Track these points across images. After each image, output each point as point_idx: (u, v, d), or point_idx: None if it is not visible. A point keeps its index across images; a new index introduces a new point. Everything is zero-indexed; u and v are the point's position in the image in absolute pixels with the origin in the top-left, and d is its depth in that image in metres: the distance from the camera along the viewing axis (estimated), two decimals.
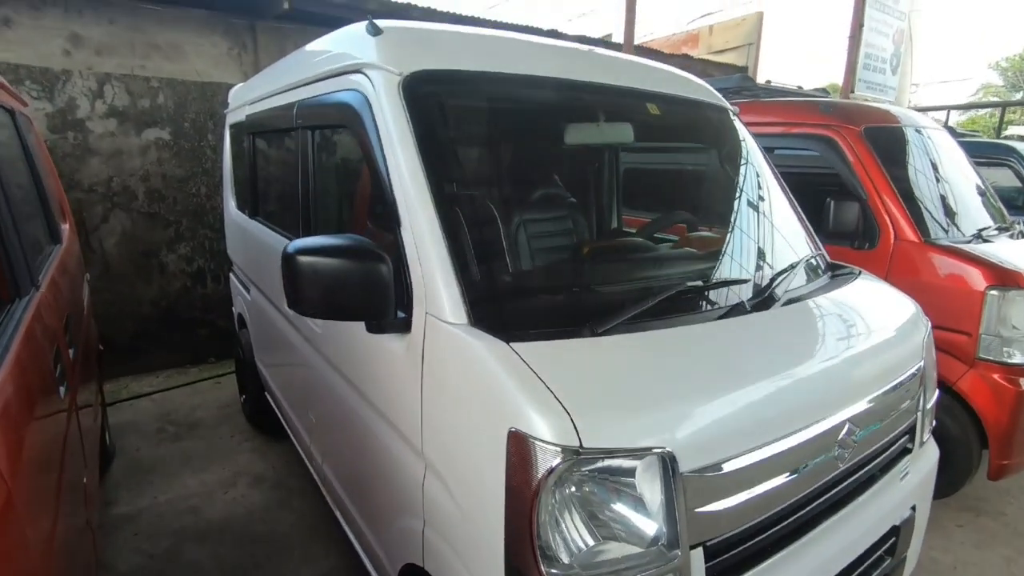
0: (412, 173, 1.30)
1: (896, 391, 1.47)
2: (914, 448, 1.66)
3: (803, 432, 1.20)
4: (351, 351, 1.66)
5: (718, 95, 2.17)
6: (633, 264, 1.65)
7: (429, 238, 1.24)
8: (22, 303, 1.50)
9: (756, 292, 1.51)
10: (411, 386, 1.30)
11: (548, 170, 1.77)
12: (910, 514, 1.62)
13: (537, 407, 0.98)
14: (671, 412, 1.06)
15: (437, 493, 1.26)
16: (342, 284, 1.22)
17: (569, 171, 1.97)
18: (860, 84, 9.98)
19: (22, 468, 1.04)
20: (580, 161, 2.10)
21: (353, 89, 1.54)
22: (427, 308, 1.24)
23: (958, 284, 2.58)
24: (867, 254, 2.81)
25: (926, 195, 2.97)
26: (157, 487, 2.88)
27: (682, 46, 10.77)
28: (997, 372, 2.52)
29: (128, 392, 4.03)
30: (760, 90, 3.77)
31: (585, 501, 1.01)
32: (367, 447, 1.64)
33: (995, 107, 14.01)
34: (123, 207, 4.20)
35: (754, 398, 1.16)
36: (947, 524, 2.67)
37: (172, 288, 4.49)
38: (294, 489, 2.85)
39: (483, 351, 1.10)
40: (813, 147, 3.10)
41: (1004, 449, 2.53)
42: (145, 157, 4.24)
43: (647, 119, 1.87)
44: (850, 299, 1.65)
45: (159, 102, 4.25)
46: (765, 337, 1.35)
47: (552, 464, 0.96)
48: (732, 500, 1.09)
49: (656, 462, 1.01)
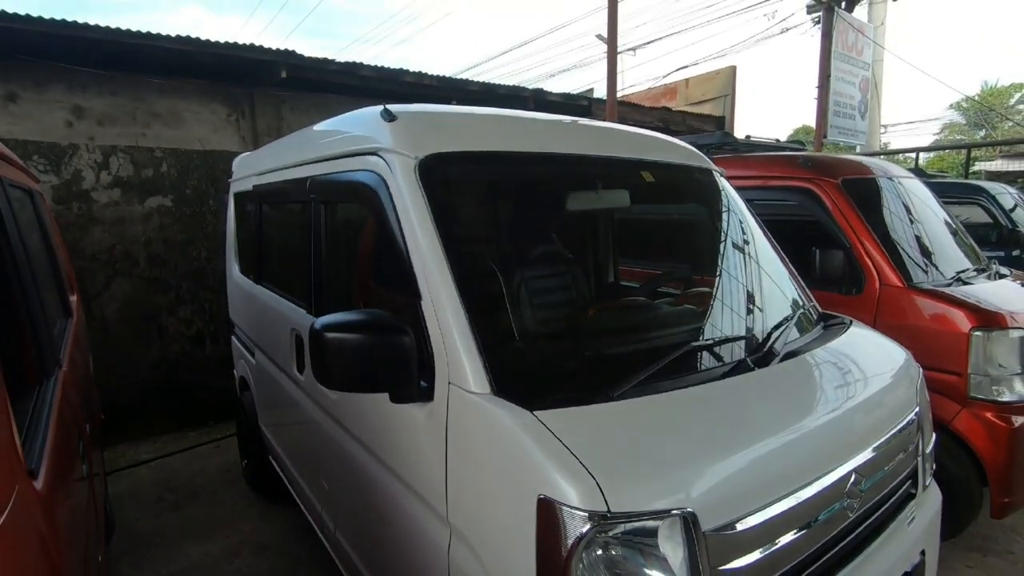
0: (431, 249, 1.39)
1: (896, 438, 1.54)
2: (918, 493, 1.71)
3: (813, 485, 1.26)
4: (370, 418, 1.70)
5: (704, 158, 2.32)
6: (639, 324, 1.73)
7: (450, 311, 1.31)
8: (50, 383, 1.53)
9: (756, 348, 1.60)
10: (435, 454, 1.35)
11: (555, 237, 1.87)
12: (920, 559, 1.66)
13: (564, 474, 1.04)
14: (689, 473, 1.12)
15: (464, 560, 1.29)
16: (368, 357, 1.29)
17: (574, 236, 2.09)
18: (832, 130, 10.48)
19: (64, 545, 1.06)
20: (580, 225, 2.22)
21: (369, 170, 1.65)
22: (450, 378, 1.30)
23: (944, 326, 2.69)
24: (854, 299, 2.93)
25: (905, 241, 3.12)
26: (159, 560, 2.82)
27: (661, 98, 11.28)
28: (989, 410, 2.60)
29: (125, 460, 3.97)
30: (741, 145, 3.99)
31: (613, 563, 1.05)
32: (387, 514, 1.66)
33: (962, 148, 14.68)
34: (124, 273, 4.26)
35: (765, 454, 1.23)
36: (956, 565, 2.68)
37: (171, 351, 4.49)
38: (301, 557, 2.81)
39: (508, 420, 1.16)
40: (793, 199, 3.26)
41: (1004, 487, 2.58)
42: (147, 223, 4.33)
43: (641, 185, 1.99)
44: (845, 350, 1.74)
45: (162, 171, 4.38)
46: (769, 394, 1.43)
47: (582, 530, 1.00)
48: (752, 556, 1.13)
49: (679, 522, 1.06)
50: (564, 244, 1.91)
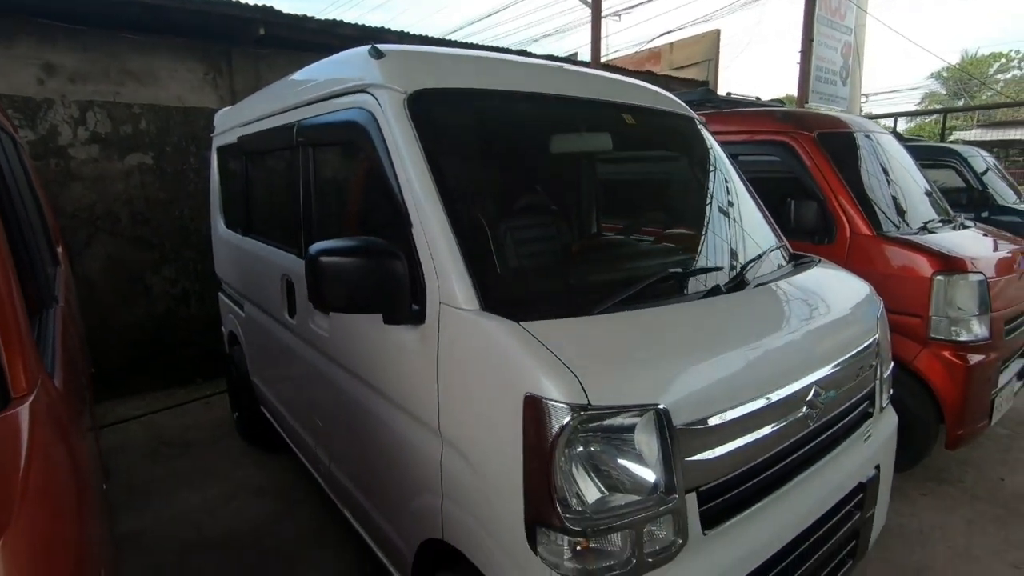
0: (421, 179, 1.45)
1: (855, 359, 1.66)
2: (875, 413, 1.85)
3: (776, 393, 1.37)
4: (363, 349, 1.78)
5: (685, 106, 2.39)
6: (622, 257, 1.82)
7: (440, 234, 1.38)
8: (50, 314, 1.58)
9: (730, 277, 1.70)
10: (427, 371, 1.43)
11: (539, 173, 1.94)
12: (875, 473, 1.80)
13: (548, 372, 1.13)
14: (664, 373, 1.22)
15: (455, 466, 1.39)
16: (361, 280, 1.36)
17: (558, 174, 2.15)
18: (813, 95, 10.55)
19: (77, 439, 1.13)
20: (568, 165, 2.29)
21: (359, 107, 1.69)
22: (440, 298, 1.38)
23: (908, 271, 2.83)
24: (827, 248, 3.05)
25: (876, 192, 3.24)
26: (157, 505, 2.91)
27: (645, 63, 11.23)
28: (947, 350, 2.77)
29: (115, 416, 4.02)
30: (722, 102, 4.05)
31: (593, 457, 1.15)
32: (380, 438, 1.75)
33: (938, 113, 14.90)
34: (107, 231, 4.23)
35: (733, 362, 1.34)
36: (912, 493, 2.88)
37: (157, 310, 4.50)
38: (298, 499, 2.91)
39: (496, 329, 1.24)
40: (772, 152, 3.35)
41: (958, 420, 2.76)
42: (128, 181, 4.28)
43: (624, 128, 2.06)
44: (811, 282, 1.85)
45: (141, 127, 4.31)
46: (739, 313, 1.53)
47: (564, 421, 1.10)
48: (718, 450, 1.25)
49: (652, 418, 1.16)
50: (549, 185, 1.98)
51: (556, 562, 1.14)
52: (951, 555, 2.42)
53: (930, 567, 2.35)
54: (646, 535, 1.16)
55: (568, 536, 1.12)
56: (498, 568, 1.29)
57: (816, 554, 1.55)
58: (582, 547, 1.13)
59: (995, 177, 6.78)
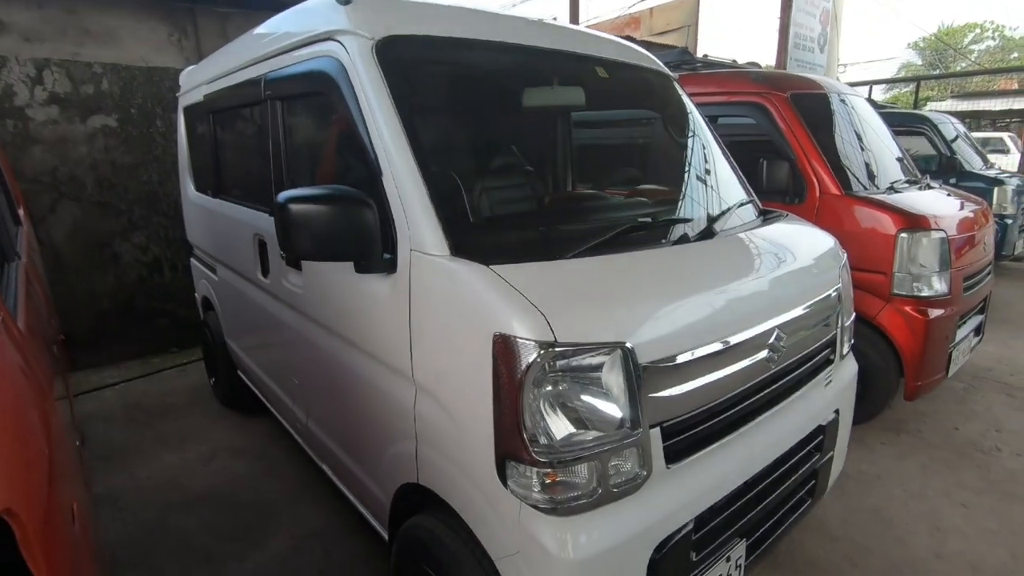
0: (390, 126, 1.44)
1: (816, 306, 1.72)
2: (836, 360, 1.92)
3: (738, 335, 1.42)
4: (336, 302, 1.78)
5: (660, 63, 2.38)
6: (593, 207, 1.84)
7: (410, 182, 1.38)
8: (12, 267, 1.55)
9: (699, 226, 1.73)
10: (399, 319, 1.45)
11: (510, 123, 1.93)
12: (834, 417, 1.89)
13: (516, 312, 1.15)
14: (630, 313, 1.25)
15: (428, 410, 1.42)
16: (330, 227, 1.36)
17: (529, 125, 2.15)
18: (792, 62, 10.54)
19: (43, 383, 1.12)
20: (540, 117, 2.28)
21: (326, 55, 1.66)
22: (412, 245, 1.39)
23: (874, 229, 2.91)
24: (797, 208, 3.11)
25: (846, 153, 3.30)
26: (134, 467, 2.91)
27: (625, 28, 11.08)
28: (909, 305, 2.87)
29: (89, 384, 3.97)
30: (698, 63, 4.04)
31: (561, 395, 1.19)
32: (355, 390, 1.77)
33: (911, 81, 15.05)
34: (71, 197, 4.10)
35: (698, 304, 1.38)
36: (872, 442, 3.02)
37: (128, 278, 4.41)
38: (278, 458, 2.94)
39: (466, 273, 1.26)
40: (747, 114, 3.37)
41: (917, 371, 2.88)
42: (92, 145, 4.14)
43: (596, 82, 2.05)
44: (777, 233, 1.90)
45: (103, 88, 4.15)
46: (705, 260, 1.57)
47: (532, 358, 1.13)
48: (682, 388, 1.29)
49: (619, 356, 1.20)
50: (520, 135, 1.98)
51: (525, 494, 1.19)
52: (905, 497, 2.56)
53: (885, 507, 2.48)
54: (611, 468, 1.21)
55: (536, 468, 1.16)
56: (471, 504, 1.33)
57: (776, 491, 1.63)
58: (550, 479, 1.17)
59: (964, 144, 6.94)
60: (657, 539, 1.28)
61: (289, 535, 2.36)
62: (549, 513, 1.19)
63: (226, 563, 2.21)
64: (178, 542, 2.34)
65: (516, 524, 1.21)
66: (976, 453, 2.92)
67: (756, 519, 1.57)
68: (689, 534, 1.34)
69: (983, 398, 3.54)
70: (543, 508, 1.18)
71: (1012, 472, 2.75)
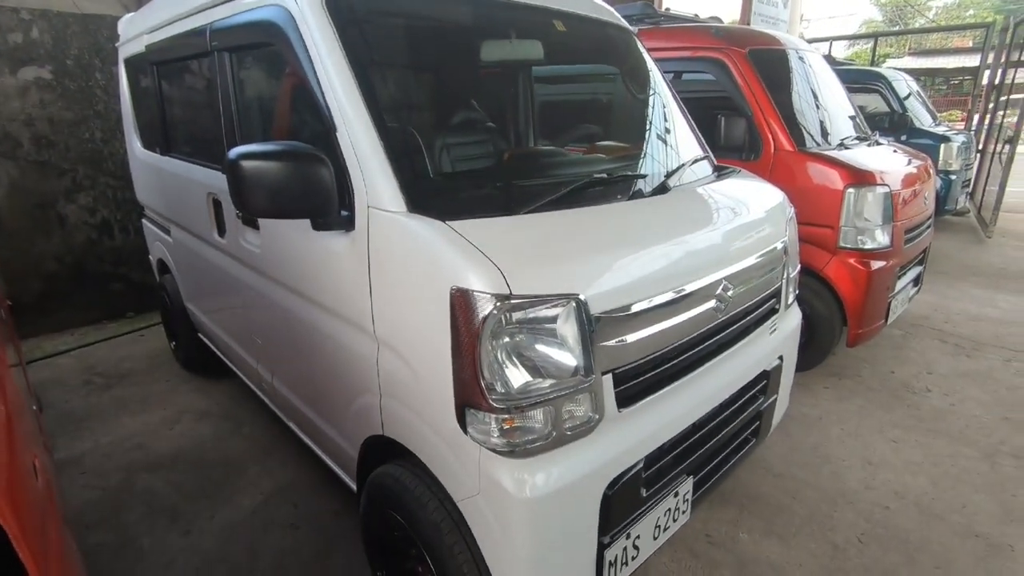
0: (343, 80, 1.42)
1: (762, 258, 1.81)
2: (780, 309, 2.03)
3: (686, 286, 1.49)
4: (295, 260, 1.78)
5: (620, 18, 2.37)
6: (550, 164, 1.85)
7: (364, 137, 1.37)
8: None
9: (654, 182, 1.78)
10: (359, 275, 1.46)
11: (466, 76, 1.91)
12: (778, 363, 2.01)
13: (472, 266, 1.18)
14: (583, 266, 1.30)
15: (390, 364, 1.45)
16: (285, 184, 1.34)
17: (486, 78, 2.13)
18: (755, 17, 10.50)
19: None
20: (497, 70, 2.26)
21: (274, 5, 1.60)
22: (368, 202, 1.39)
23: (824, 185, 3.02)
24: (753, 164, 3.19)
25: (801, 110, 3.37)
26: (96, 431, 2.88)
27: None
28: (853, 257, 3.02)
29: (42, 351, 3.86)
30: (661, 17, 4.00)
31: (518, 345, 1.24)
32: (318, 347, 1.79)
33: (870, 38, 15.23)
34: (7, 155, 3.87)
35: (648, 256, 1.43)
36: (815, 387, 3.22)
37: (75, 241, 4.24)
38: (244, 419, 2.95)
39: (423, 229, 1.28)
40: (706, 69, 3.39)
41: (859, 320, 3.06)
42: (25, 99, 3.88)
43: (555, 36, 2.03)
44: (728, 188, 1.96)
45: (33, 36, 3.86)
46: (657, 214, 1.62)
47: (488, 310, 1.17)
48: (633, 336, 1.36)
49: (572, 307, 1.25)
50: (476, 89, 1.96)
51: (484, 439, 1.25)
52: (842, 435, 2.76)
53: (823, 445, 2.68)
54: (565, 412, 1.28)
55: (495, 415, 1.22)
56: (433, 451, 1.39)
57: (722, 432, 1.75)
58: (507, 424, 1.23)
59: (916, 102, 7.13)
60: (609, 477, 1.36)
61: (258, 491, 2.40)
62: (507, 456, 1.25)
63: (195, 520, 2.24)
64: (145, 502, 2.36)
65: (476, 467, 1.28)
66: (908, 394, 3.15)
67: (703, 458, 1.68)
68: (639, 472, 1.43)
69: (918, 344, 3.79)
70: (502, 452, 1.25)
71: (938, 411, 2.99)
